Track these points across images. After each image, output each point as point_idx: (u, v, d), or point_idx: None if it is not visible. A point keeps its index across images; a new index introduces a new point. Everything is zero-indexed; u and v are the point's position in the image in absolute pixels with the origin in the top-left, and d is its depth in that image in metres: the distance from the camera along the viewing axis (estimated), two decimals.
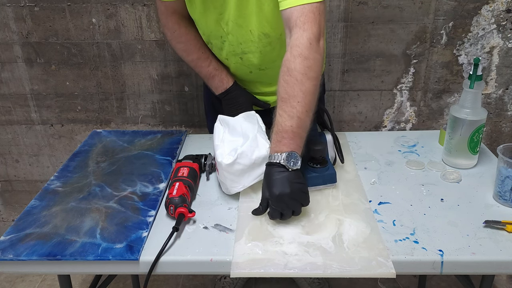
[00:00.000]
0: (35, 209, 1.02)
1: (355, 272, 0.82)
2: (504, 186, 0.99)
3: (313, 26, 0.93)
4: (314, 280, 1.70)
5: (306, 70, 0.91)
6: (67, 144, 1.87)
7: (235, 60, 1.18)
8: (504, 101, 1.72)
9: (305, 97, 0.91)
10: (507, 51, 1.63)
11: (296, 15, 0.93)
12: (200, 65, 1.23)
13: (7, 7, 1.63)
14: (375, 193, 1.05)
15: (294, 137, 0.91)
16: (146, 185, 1.10)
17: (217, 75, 1.22)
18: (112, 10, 1.62)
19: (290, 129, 0.91)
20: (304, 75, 0.91)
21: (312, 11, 0.93)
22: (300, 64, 0.91)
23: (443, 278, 1.78)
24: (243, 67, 1.20)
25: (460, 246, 0.87)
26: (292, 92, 0.91)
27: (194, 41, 1.21)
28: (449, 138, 1.15)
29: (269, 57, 1.16)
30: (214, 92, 1.25)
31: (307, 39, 0.92)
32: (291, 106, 0.91)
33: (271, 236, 0.91)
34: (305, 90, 0.91)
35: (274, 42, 1.13)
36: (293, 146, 0.91)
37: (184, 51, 1.23)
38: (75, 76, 1.73)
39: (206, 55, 1.22)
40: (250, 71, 1.21)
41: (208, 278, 1.82)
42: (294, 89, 0.91)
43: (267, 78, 1.23)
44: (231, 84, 1.23)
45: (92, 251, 0.88)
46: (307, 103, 0.92)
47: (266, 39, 1.12)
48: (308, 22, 0.93)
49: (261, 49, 1.14)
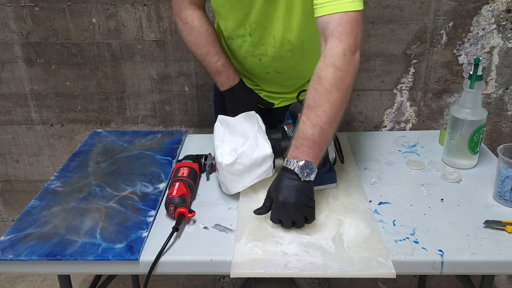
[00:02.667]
0: (35, 209, 1.02)
1: (355, 272, 0.82)
2: (504, 186, 0.99)
3: (349, 38, 0.91)
4: (314, 280, 1.70)
5: (336, 80, 0.90)
6: (67, 144, 1.87)
7: (253, 60, 1.18)
8: (504, 101, 1.72)
9: (332, 107, 0.90)
10: (507, 51, 1.63)
11: (334, 24, 0.91)
12: (208, 60, 1.20)
13: (7, 7, 1.63)
14: (375, 193, 1.05)
15: (314, 146, 0.90)
16: (146, 185, 1.10)
17: (224, 72, 1.21)
18: (112, 10, 1.62)
19: (311, 137, 0.89)
20: (334, 86, 0.89)
21: (350, 22, 0.91)
22: (331, 74, 0.90)
23: (443, 278, 1.78)
24: (261, 68, 1.19)
25: (460, 246, 0.87)
26: (319, 101, 0.90)
27: (205, 35, 1.18)
28: (449, 138, 1.15)
29: (288, 62, 1.16)
30: (219, 88, 1.24)
31: (342, 50, 0.90)
32: (316, 114, 0.90)
33: (271, 236, 0.91)
34: (333, 100, 0.90)
35: (295, 49, 1.13)
36: (311, 155, 0.90)
37: (194, 44, 1.20)
38: (75, 76, 1.73)
39: (215, 51, 1.19)
40: (267, 72, 1.21)
41: (208, 278, 1.82)
42: (322, 98, 0.90)
43: (283, 80, 1.24)
44: (237, 81, 1.22)
45: (92, 251, 0.88)
46: (332, 114, 0.90)
47: (288, 46, 1.11)
48: (344, 33, 0.90)
49: (281, 54, 1.14)
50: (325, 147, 0.93)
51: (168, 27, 1.64)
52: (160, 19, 1.63)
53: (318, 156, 0.92)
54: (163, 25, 1.64)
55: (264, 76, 1.23)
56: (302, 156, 0.89)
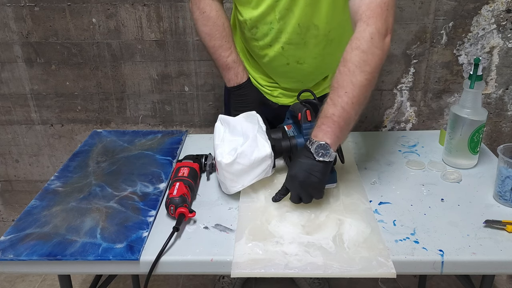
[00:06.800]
0: (35, 209, 1.02)
1: (355, 272, 0.82)
2: (504, 186, 0.99)
3: (377, 21, 0.93)
4: (314, 280, 1.70)
5: (361, 63, 0.91)
6: (67, 144, 1.87)
7: (277, 48, 1.16)
8: (504, 101, 1.72)
9: (354, 89, 0.91)
10: (507, 51, 1.63)
11: (363, 9, 0.94)
12: (219, 53, 1.19)
13: (7, 7, 1.63)
14: (376, 193, 1.05)
15: (333, 125, 0.91)
16: (146, 185, 1.10)
17: (234, 68, 1.20)
18: (112, 10, 1.62)
19: (330, 116, 0.91)
20: (358, 67, 0.91)
21: (379, 6, 0.93)
22: (356, 57, 0.92)
23: (443, 278, 1.78)
24: (282, 58, 1.18)
25: (460, 246, 0.87)
26: (342, 82, 0.92)
27: (221, 28, 1.17)
28: (449, 138, 1.15)
29: (311, 51, 1.16)
30: (226, 83, 1.23)
31: (369, 34, 0.92)
32: (338, 95, 0.92)
33: (271, 236, 0.91)
34: (356, 82, 0.91)
35: (320, 36, 1.13)
36: (330, 135, 0.91)
37: (208, 35, 1.18)
38: (75, 76, 1.74)
39: (228, 45, 1.19)
40: (288, 63, 1.19)
41: (208, 278, 1.82)
42: (345, 79, 0.92)
43: (302, 73, 1.23)
44: (245, 79, 1.22)
45: (92, 251, 0.88)
46: (354, 95, 0.91)
47: (314, 31, 1.11)
48: (373, 17, 0.93)
49: (306, 40, 1.13)
50: (346, 129, 0.94)
51: (168, 27, 1.64)
52: (160, 19, 1.63)
53: (339, 136, 0.92)
54: (163, 25, 1.64)
55: (284, 68, 1.21)
56: (321, 135, 0.91)
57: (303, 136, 1.05)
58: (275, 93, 1.29)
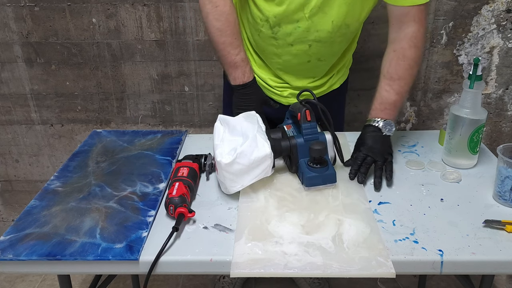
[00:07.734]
0: (35, 209, 1.02)
1: (355, 272, 0.82)
2: (504, 186, 0.99)
3: (425, 23, 1.13)
4: (314, 280, 1.70)
5: (416, 59, 1.13)
6: (67, 144, 1.87)
7: (301, 47, 1.16)
8: (504, 101, 1.72)
9: (411, 80, 1.15)
10: (507, 51, 1.63)
11: (415, 11, 1.09)
12: (228, 50, 1.17)
13: (7, 7, 1.63)
14: (375, 193, 1.05)
15: (395, 109, 1.15)
16: (146, 185, 1.10)
17: (241, 67, 1.19)
18: (112, 10, 1.62)
19: (393, 103, 1.15)
20: (415, 63, 1.13)
21: (426, 10, 1.12)
22: (414, 54, 1.12)
23: (443, 278, 1.78)
24: (305, 56, 1.19)
25: (460, 246, 0.87)
26: (403, 74, 1.13)
27: (232, 25, 1.16)
28: (449, 138, 1.15)
29: (335, 48, 1.21)
30: (231, 81, 1.21)
31: (422, 34, 1.12)
32: (399, 85, 1.13)
33: (271, 236, 0.91)
34: (413, 74, 1.15)
35: (348, 34, 1.19)
36: (392, 116, 1.15)
37: (219, 30, 1.15)
38: (75, 76, 1.74)
39: (238, 43, 1.17)
40: (309, 60, 1.20)
41: (208, 278, 1.82)
42: (405, 72, 1.13)
43: (317, 70, 1.25)
44: (251, 79, 1.21)
45: (92, 251, 0.88)
46: (410, 84, 1.15)
47: (344, 30, 1.16)
48: (423, 19, 1.11)
49: (334, 39, 1.17)
50: (398, 112, 1.18)
51: (168, 27, 1.64)
52: (160, 19, 1.63)
53: (396, 118, 1.17)
54: (163, 25, 1.64)
55: (304, 66, 1.22)
56: (385, 116, 1.14)
57: (302, 136, 1.05)
58: (285, 93, 1.29)
